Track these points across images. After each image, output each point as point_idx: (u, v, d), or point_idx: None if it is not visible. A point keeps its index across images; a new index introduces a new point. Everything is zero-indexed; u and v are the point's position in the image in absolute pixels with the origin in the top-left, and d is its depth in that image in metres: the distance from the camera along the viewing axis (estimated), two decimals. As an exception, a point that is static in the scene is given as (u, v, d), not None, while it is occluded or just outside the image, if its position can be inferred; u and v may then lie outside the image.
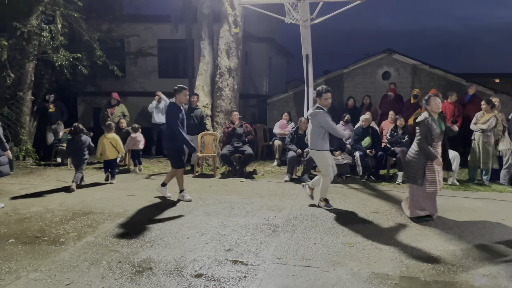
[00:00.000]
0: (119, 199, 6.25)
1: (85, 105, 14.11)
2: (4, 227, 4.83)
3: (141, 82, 13.90)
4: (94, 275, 3.59)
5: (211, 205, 5.94)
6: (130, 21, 12.70)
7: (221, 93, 9.43)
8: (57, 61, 9.36)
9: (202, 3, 9.91)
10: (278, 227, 4.94)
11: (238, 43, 9.53)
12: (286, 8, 7.73)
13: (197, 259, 3.95)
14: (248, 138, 8.36)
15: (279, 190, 6.91)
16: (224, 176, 8.09)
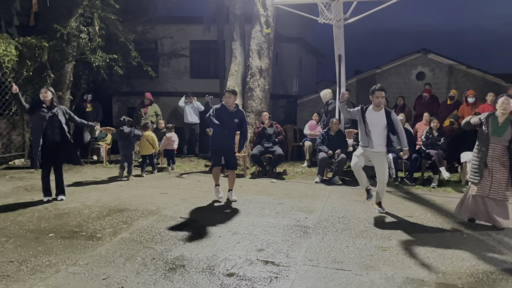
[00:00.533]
0: (152, 197, 6.39)
1: (119, 105, 14.49)
2: (44, 221, 5.04)
3: (173, 82, 14.15)
4: (130, 270, 3.68)
5: (241, 204, 5.98)
6: (163, 23, 12.95)
7: (252, 94, 9.47)
8: (95, 62, 9.70)
9: (234, 4, 9.98)
10: (309, 229, 4.91)
11: (270, 43, 9.54)
12: (319, 8, 7.67)
13: (229, 258, 3.99)
14: (278, 139, 8.35)
15: (309, 192, 6.87)
16: (254, 176, 8.12)
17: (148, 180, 7.69)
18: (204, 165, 9.29)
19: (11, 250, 4.10)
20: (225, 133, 6.09)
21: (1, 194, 6.33)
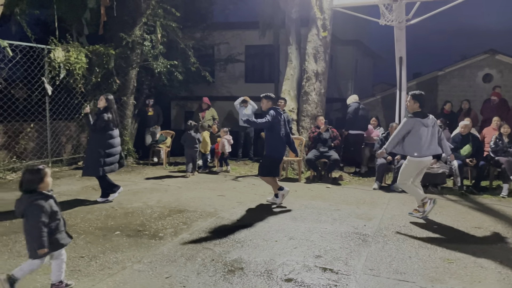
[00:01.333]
0: (210, 198, 6.54)
1: (177, 109, 15.04)
2: (111, 220, 5.33)
3: (229, 87, 14.44)
4: (190, 270, 3.79)
5: (297, 209, 5.94)
6: (220, 29, 13.28)
7: (307, 98, 9.41)
8: (156, 68, 10.16)
9: (291, 8, 10.00)
10: (368, 237, 4.77)
11: (326, 47, 9.44)
12: (380, 9, 7.48)
13: (286, 263, 3.98)
14: (334, 143, 8.22)
15: (367, 198, 6.68)
16: (309, 181, 8.05)
17: (206, 182, 7.88)
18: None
19: (82, 246, 4.37)
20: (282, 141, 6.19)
21: (71, 192, 6.79)
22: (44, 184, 3.21)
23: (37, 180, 3.19)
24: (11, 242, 4.43)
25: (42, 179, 3.20)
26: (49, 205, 3.20)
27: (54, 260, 3.30)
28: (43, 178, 3.20)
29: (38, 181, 3.19)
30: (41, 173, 3.21)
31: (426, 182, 7.17)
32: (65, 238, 3.33)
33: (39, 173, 3.21)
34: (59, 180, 7.76)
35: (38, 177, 3.19)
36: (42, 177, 3.20)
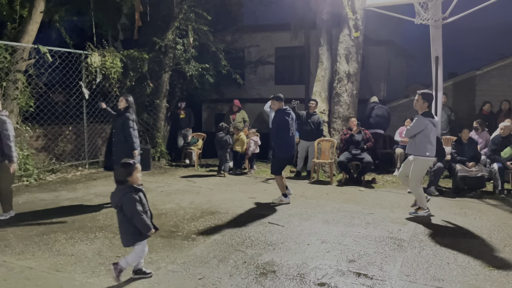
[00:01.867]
0: (241, 200, 6.56)
1: (208, 111, 15.19)
2: (145, 220, 5.43)
3: (258, 89, 14.45)
4: (223, 272, 3.81)
5: (329, 212, 5.87)
6: (250, 31, 13.32)
7: (339, 99, 9.28)
8: (188, 72, 10.32)
9: (322, 9, 9.90)
10: (404, 242, 4.65)
11: (358, 47, 9.29)
12: (415, 8, 7.28)
13: (319, 267, 3.93)
14: (367, 145, 8.07)
15: (402, 202, 6.51)
16: (341, 184, 7.93)
17: (237, 184, 7.92)
18: (289, 171, 9.31)
19: (118, 246, 4.47)
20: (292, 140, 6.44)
21: (107, 193, 6.92)
22: (132, 178, 3.49)
23: (126, 173, 3.47)
24: (51, 241, 4.60)
25: (131, 173, 3.47)
26: (139, 197, 3.48)
27: (136, 250, 3.56)
28: (132, 172, 3.47)
29: (127, 174, 3.47)
30: (131, 167, 3.49)
31: (465, 185, 6.92)
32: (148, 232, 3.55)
33: (130, 167, 3.49)
34: (96, 181, 8.00)
35: (128, 170, 3.48)
36: (131, 171, 3.47)
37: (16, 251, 4.28)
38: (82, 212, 5.82)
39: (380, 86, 16.61)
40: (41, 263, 3.98)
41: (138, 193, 3.52)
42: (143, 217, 3.46)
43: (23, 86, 7.95)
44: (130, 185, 3.50)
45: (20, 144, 7.73)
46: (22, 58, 7.87)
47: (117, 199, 3.50)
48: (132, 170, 3.49)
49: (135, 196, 3.47)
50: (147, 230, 3.50)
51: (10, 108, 7.66)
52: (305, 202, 6.47)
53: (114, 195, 3.54)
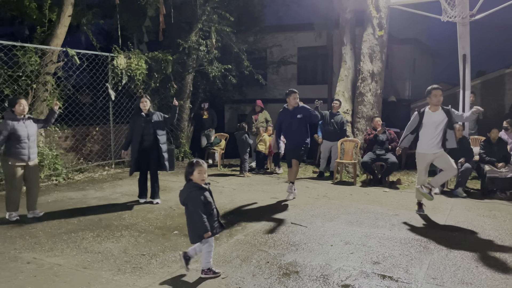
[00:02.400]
0: (263, 201, 6.57)
1: (231, 112, 15.29)
2: (169, 219, 5.51)
3: (281, 89, 14.43)
4: (246, 272, 3.82)
5: (353, 214, 5.80)
6: (273, 32, 13.34)
7: (362, 99, 9.17)
8: (211, 73, 10.42)
9: (345, 8, 9.81)
10: (430, 244, 4.55)
11: (383, 46, 9.15)
12: (442, 5, 7.12)
13: (343, 268, 3.89)
14: (391, 146, 7.93)
15: (428, 204, 6.35)
16: (365, 185, 7.82)
17: (259, 184, 7.93)
18: (312, 171, 9.27)
19: (143, 244, 4.57)
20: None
21: (133, 193, 7.11)
22: (194, 176, 3.58)
23: (190, 172, 3.60)
24: (79, 239, 4.73)
25: (192, 172, 3.58)
26: (203, 196, 3.56)
27: (204, 249, 3.66)
28: (193, 171, 3.58)
29: (190, 172, 3.60)
30: (193, 166, 3.61)
31: (494, 187, 6.72)
32: (217, 228, 3.67)
33: (192, 166, 3.62)
34: (121, 181, 8.17)
35: (191, 169, 3.60)
36: (193, 170, 3.58)
37: (46, 248, 4.42)
38: (109, 210, 5.95)
39: (405, 85, 16.32)
40: (69, 260, 4.09)
41: (203, 192, 3.59)
42: (202, 217, 3.53)
43: (52, 88, 8.20)
44: (194, 183, 3.59)
45: (49, 145, 7.98)
46: (51, 61, 8.11)
47: (183, 196, 3.64)
48: (193, 169, 3.59)
49: (198, 195, 3.56)
50: (204, 232, 3.54)
51: (40, 109, 7.91)
52: (328, 203, 6.42)
53: (182, 192, 3.66)
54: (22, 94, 7.63)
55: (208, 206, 3.61)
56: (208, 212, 3.60)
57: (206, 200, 3.59)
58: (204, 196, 3.59)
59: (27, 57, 7.56)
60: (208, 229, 3.55)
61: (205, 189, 3.63)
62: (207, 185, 3.67)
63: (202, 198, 3.57)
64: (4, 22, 12.43)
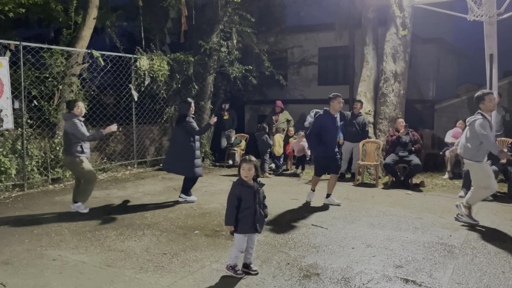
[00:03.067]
0: (284, 202, 6.55)
1: (251, 113, 15.30)
2: (191, 219, 5.56)
3: (301, 90, 14.36)
4: (266, 273, 3.82)
5: (374, 216, 5.72)
6: (294, 32, 13.27)
7: (385, 99, 9.03)
8: (232, 74, 10.47)
9: (367, 8, 9.69)
10: (455, 248, 4.44)
11: (406, 46, 8.99)
12: (468, 4, 6.95)
13: (364, 271, 3.84)
14: (415, 147, 7.79)
15: (453, 207, 6.20)
16: (387, 187, 7.71)
17: (279, 185, 7.91)
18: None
19: (164, 243, 4.62)
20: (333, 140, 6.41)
21: (155, 192, 7.21)
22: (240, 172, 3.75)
23: (238, 167, 3.82)
24: (102, 237, 4.82)
25: (239, 168, 3.78)
26: (241, 192, 3.67)
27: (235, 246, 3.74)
28: (239, 167, 3.77)
29: (238, 168, 3.80)
30: (240, 162, 3.83)
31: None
32: (248, 229, 3.70)
33: (240, 162, 3.85)
34: (144, 180, 8.29)
35: (239, 165, 3.80)
36: (239, 166, 3.78)
37: (71, 245, 4.52)
38: (131, 209, 6.05)
39: (429, 86, 16.00)
40: (93, 257, 4.18)
41: (243, 188, 3.68)
42: (230, 210, 3.67)
43: (78, 89, 8.39)
44: (239, 178, 3.74)
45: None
46: (77, 63, 8.30)
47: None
48: (240, 165, 3.77)
49: (234, 189, 3.71)
50: (226, 223, 3.73)
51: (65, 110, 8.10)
52: (350, 205, 6.35)
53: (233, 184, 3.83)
54: (49, 95, 7.85)
55: (243, 203, 3.66)
56: (242, 208, 3.66)
57: (242, 196, 3.66)
58: (241, 192, 3.67)
59: (53, 58, 7.76)
60: (230, 222, 3.67)
61: (247, 186, 3.69)
62: (254, 184, 3.72)
63: (238, 193, 3.67)
64: (32, 25, 12.80)
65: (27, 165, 7.26)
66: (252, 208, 3.67)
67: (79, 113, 5.82)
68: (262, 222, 3.76)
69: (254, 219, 3.68)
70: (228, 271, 3.73)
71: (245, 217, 3.66)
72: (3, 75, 6.83)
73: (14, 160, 7.05)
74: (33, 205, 6.25)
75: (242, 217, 3.66)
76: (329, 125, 6.26)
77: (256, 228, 3.70)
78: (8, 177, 6.96)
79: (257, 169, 3.75)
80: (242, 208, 3.66)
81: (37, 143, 7.57)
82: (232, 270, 3.71)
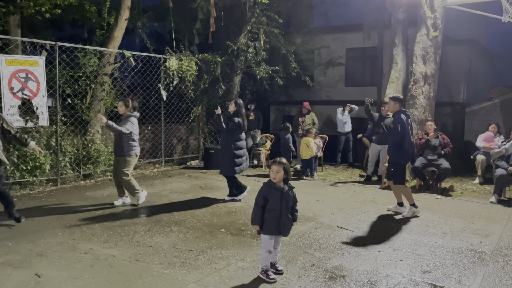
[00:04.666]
0: (309, 203, 6.54)
1: (276, 113, 15.32)
2: (216, 217, 5.64)
3: (328, 91, 14.27)
4: (291, 273, 3.84)
5: (402, 220, 5.64)
6: (321, 33, 13.21)
7: (414, 102, 8.86)
8: (259, 74, 10.52)
9: (398, 8, 9.55)
10: (485, 255, 4.33)
11: (437, 47, 8.80)
12: (503, 5, 6.76)
13: (391, 275, 3.80)
14: (445, 151, 7.62)
15: (483, 212, 6.06)
16: (415, 191, 7.56)
17: (304, 187, 7.90)
18: (359, 175, 9.10)
19: (191, 240, 4.71)
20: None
21: (182, 190, 7.34)
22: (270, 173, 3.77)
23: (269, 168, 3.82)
24: (131, 232, 4.95)
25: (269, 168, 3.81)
26: (268, 193, 3.69)
27: (262, 247, 3.77)
28: (269, 167, 3.80)
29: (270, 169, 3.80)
30: (270, 164, 3.82)
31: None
32: (273, 231, 3.71)
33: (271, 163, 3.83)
34: (171, 178, 8.45)
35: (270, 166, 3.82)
36: (269, 167, 3.80)
37: (101, 239, 4.67)
38: (159, 206, 6.19)
39: (460, 88, 15.59)
40: (123, 252, 4.30)
41: (270, 189, 3.69)
42: (256, 210, 3.70)
43: (109, 88, 8.63)
44: (269, 181, 3.75)
45: (105, 142, 8.40)
46: (109, 62, 8.54)
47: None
48: (270, 166, 3.80)
49: (262, 189, 3.73)
50: (252, 222, 3.74)
51: (97, 108, 8.36)
52: (376, 208, 6.29)
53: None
54: (82, 93, 8.11)
55: (269, 204, 3.67)
56: (268, 209, 3.67)
57: (269, 197, 3.67)
58: (268, 193, 3.68)
59: (87, 58, 8.01)
60: (256, 222, 3.69)
61: (275, 188, 3.69)
62: (283, 187, 3.71)
63: (265, 193, 3.69)
64: (66, 26, 13.25)
65: (61, 161, 7.52)
66: (278, 210, 3.66)
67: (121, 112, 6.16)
68: (288, 226, 3.73)
69: (279, 222, 3.66)
70: (262, 275, 3.71)
71: (270, 218, 3.67)
72: (39, 74, 7.12)
73: (49, 156, 7.32)
74: (66, 200, 6.48)
75: (267, 218, 3.67)
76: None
77: (280, 231, 3.69)
78: (43, 172, 7.24)
79: (286, 172, 3.72)
80: (268, 209, 3.67)
81: (70, 140, 7.83)
82: (265, 275, 3.70)
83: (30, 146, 5.38)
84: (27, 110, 6.94)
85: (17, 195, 6.68)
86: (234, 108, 6.45)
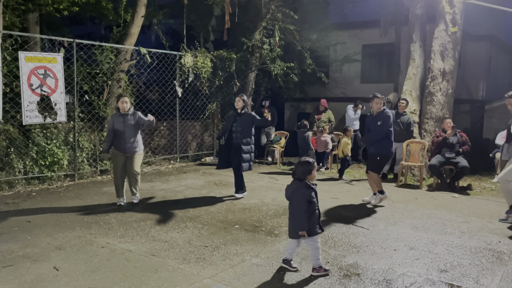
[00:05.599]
0: (323, 200, 6.48)
1: (291, 110, 15.27)
2: (231, 214, 5.66)
3: (343, 88, 14.15)
4: (306, 270, 3.82)
5: (418, 218, 5.57)
6: (337, 29, 13.09)
7: (431, 98, 8.73)
8: (274, 71, 10.49)
9: (415, 4, 9.39)
10: (504, 255, 4.24)
11: (456, 43, 8.64)
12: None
13: (407, 274, 3.76)
14: (463, 149, 7.48)
15: (502, 212, 5.92)
16: (432, 189, 7.46)
17: (319, 185, 7.78)
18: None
19: (206, 236, 4.73)
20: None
21: (196, 186, 7.39)
22: (311, 176, 3.71)
23: (307, 171, 3.69)
24: (147, 227, 5.01)
25: (310, 171, 3.69)
26: (309, 195, 3.66)
27: (310, 247, 3.74)
28: (311, 170, 3.69)
29: (308, 172, 3.69)
30: (311, 165, 3.71)
31: None
32: (317, 228, 3.73)
33: (310, 165, 3.71)
34: (186, 174, 8.51)
35: (309, 168, 3.69)
36: (311, 169, 3.69)
37: (118, 234, 4.73)
38: (174, 202, 6.24)
39: (479, 85, 15.28)
40: (138, 247, 4.36)
41: (310, 191, 3.68)
42: (303, 214, 3.60)
43: (125, 85, 8.72)
44: (305, 182, 3.68)
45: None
46: (125, 59, 8.63)
47: (289, 192, 3.75)
48: (312, 168, 3.69)
49: (304, 192, 3.64)
50: (300, 229, 3.60)
51: (114, 104, 8.45)
52: (392, 206, 6.22)
53: (289, 188, 3.78)
54: (99, 90, 8.22)
55: (312, 205, 3.65)
56: (311, 211, 3.64)
57: (311, 199, 3.65)
58: (310, 195, 3.65)
59: (104, 55, 8.12)
60: (305, 227, 3.59)
61: (312, 188, 3.70)
62: (314, 185, 3.74)
63: (308, 196, 3.63)
64: (83, 23, 13.44)
65: (78, 157, 7.65)
66: (317, 208, 3.72)
67: (121, 108, 5.93)
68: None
69: (319, 218, 3.73)
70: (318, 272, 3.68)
71: (314, 218, 3.67)
72: (57, 71, 7.24)
73: (66, 151, 7.45)
74: (83, 195, 6.59)
75: (312, 219, 3.65)
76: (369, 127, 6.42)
77: (321, 227, 3.74)
78: (61, 167, 7.37)
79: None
80: (311, 210, 3.65)
81: (87, 136, 7.95)
82: (322, 270, 3.70)
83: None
84: (46, 107, 7.07)
85: (36, 190, 6.82)
86: (242, 104, 6.51)
